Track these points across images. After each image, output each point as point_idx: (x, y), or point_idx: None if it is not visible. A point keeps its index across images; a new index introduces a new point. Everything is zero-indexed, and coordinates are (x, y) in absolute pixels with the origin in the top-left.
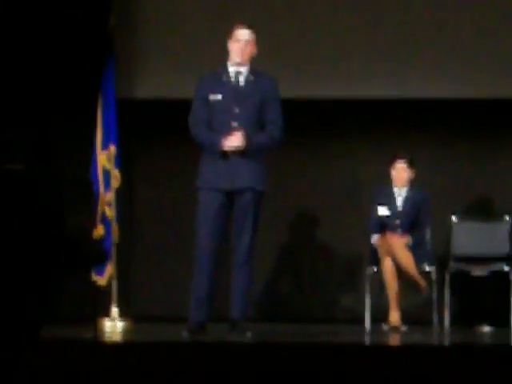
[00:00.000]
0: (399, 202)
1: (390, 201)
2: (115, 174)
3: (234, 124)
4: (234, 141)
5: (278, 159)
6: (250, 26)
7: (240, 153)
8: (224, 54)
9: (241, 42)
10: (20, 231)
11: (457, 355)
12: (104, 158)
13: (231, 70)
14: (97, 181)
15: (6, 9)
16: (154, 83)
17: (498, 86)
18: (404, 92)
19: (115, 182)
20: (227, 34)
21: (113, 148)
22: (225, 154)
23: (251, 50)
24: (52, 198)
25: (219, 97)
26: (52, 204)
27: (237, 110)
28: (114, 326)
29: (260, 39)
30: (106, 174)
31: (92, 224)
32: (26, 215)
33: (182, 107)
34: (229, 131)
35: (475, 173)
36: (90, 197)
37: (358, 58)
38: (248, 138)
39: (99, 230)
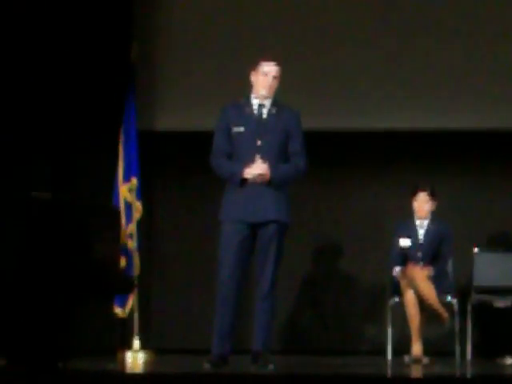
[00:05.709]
0: (421, 233)
1: (411, 233)
2: (137, 206)
3: (258, 157)
4: (256, 169)
5: (301, 191)
6: (275, 60)
7: (265, 184)
8: (245, 87)
9: (269, 76)
10: (47, 258)
11: None
12: (126, 190)
13: (254, 102)
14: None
15: (31, 42)
16: (175, 116)
17: None
18: (425, 124)
19: (137, 214)
20: (252, 65)
21: (134, 180)
22: (245, 184)
23: (277, 83)
24: (78, 226)
25: (242, 129)
26: (78, 232)
27: (259, 143)
28: (135, 358)
29: (284, 72)
30: (128, 206)
31: (118, 253)
32: (52, 242)
33: (203, 139)
34: (252, 163)
35: (497, 204)
36: (116, 225)
37: (378, 91)
38: (273, 169)
39: (121, 262)
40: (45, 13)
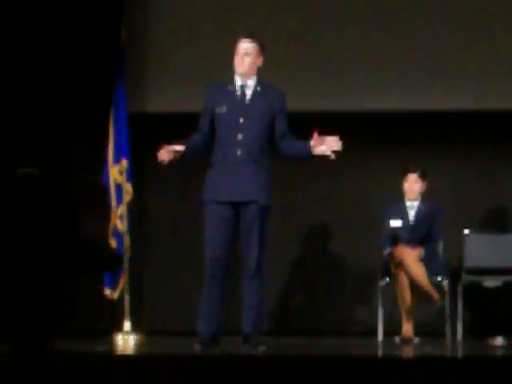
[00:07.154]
0: (411, 214)
1: (402, 213)
2: (127, 187)
3: (240, 136)
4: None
5: (290, 172)
6: (252, 37)
7: (247, 164)
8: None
9: (240, 53)
10: (33, 235)
11: (469, 367)
12: (116, 171)
13: (238, 82)
14: (109, 195)
15: (20, 25)
16: (165, 97)
17: (511, 98)
18: (415, 105)
19: (127, 195)
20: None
21: (125, 162)
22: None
23: (254, 61)
24: (66, 202)
25: (224, 109)
26: (66, 208)
27: (242, 121)
28: (126, 340)
29: (269, 52)
30: (118, 187)
31: (106, 229)
32: (39, 219)
33: (194, 121)
34: (234, 143)
35: (487, 185)
36: (104, 202)
37: (368, 71)
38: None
39: (112, 244)
40: None
